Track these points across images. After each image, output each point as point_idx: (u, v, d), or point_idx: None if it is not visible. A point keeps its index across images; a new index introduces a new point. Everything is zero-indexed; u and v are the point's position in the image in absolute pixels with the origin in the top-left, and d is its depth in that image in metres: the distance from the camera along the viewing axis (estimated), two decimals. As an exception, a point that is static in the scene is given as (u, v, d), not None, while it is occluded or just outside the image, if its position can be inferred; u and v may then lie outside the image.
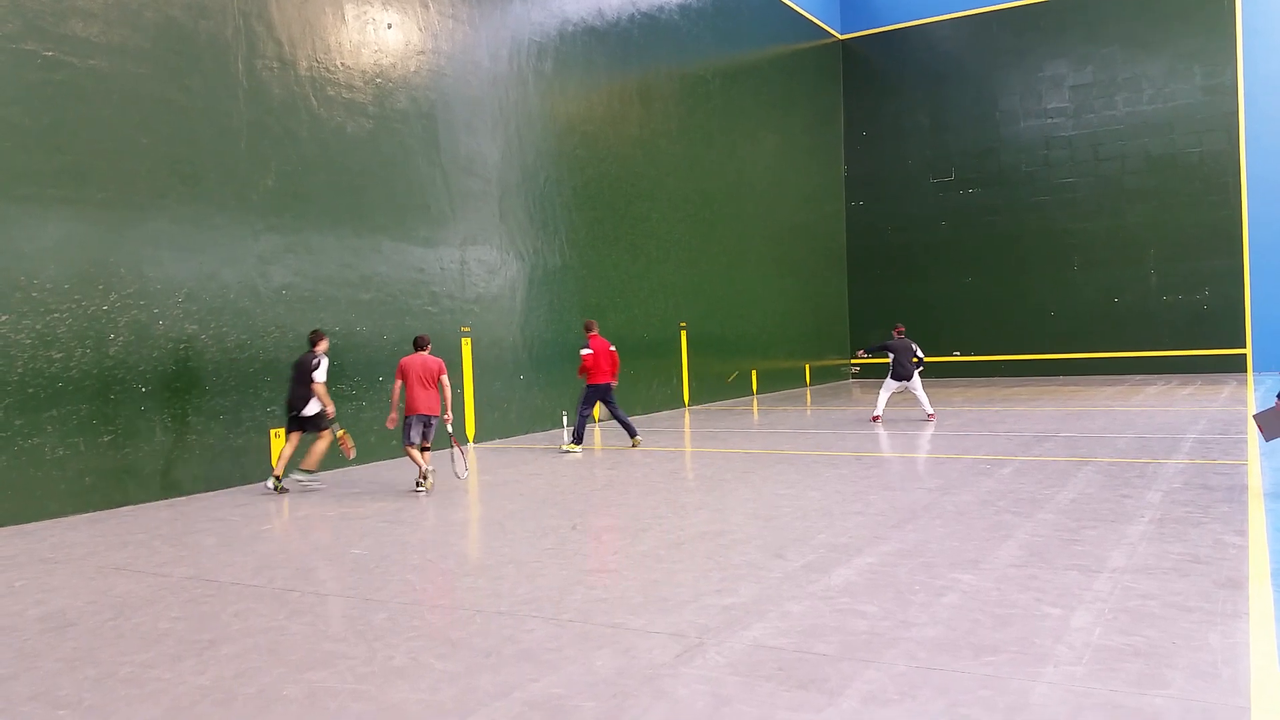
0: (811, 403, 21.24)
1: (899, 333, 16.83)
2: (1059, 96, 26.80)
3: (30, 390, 9.07)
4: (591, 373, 13.36)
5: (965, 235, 27.98)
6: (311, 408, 10.31)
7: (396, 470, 11.90)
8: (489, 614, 5.46)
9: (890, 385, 16.31)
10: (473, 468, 11.97)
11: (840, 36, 29.70)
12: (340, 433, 10.57)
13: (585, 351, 13.38)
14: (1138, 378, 25.01)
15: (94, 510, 9.46)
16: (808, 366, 26.63)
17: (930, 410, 16.06)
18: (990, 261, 27.65)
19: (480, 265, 14.95)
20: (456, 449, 10.49)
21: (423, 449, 10.09)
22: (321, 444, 10.46)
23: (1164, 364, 25.55)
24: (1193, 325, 25.31)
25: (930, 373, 27.91)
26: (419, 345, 10.41)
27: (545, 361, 16.28)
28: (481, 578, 6.40)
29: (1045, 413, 16.68)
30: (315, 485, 10.58)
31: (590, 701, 4.04)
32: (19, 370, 8.99)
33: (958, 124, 28.10)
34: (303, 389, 10.27)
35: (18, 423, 8.95)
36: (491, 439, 15.00)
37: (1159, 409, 16.66)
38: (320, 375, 10.25)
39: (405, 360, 10.18)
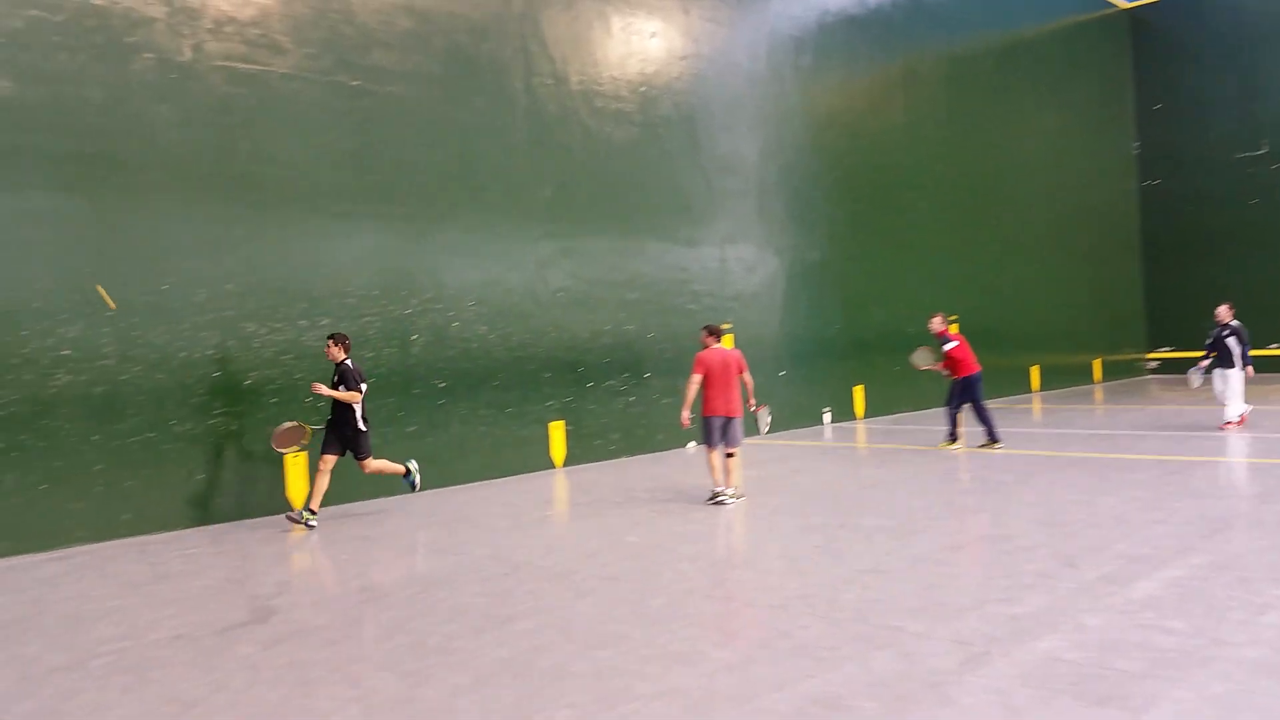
0: (1103, 401, 19.61)
1: (1233, 311, 13.66)
2: (1406, 46, 22.99)
3: (348, 386, 10.19)
4: (961, 365, 12.39)
5: (1278, 214, 24.68)
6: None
7: (662, 464, 12.26)
8: (761, 607, 5.51)
9: (1240, 376, 13.20)
10: (735, 464, 12.09)
11: (1125, 5, 27.15)
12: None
13: (950, 346, 12.43)
14: None
15: (402, 493, 10.48)
16: (1097, 362, 24.60)
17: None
18: (1313, 242, 24.21)
19: (739, 263, 15.08)
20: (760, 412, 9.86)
21: (727, 455, 9.09)
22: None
23: None
24: None
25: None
26: (718, 335, 9.16)
27: (806, 358, 16.14)
28: (751, 571, 6.47)
29: (1392, 413, 14.40)
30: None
31: (870, 702, 3.98)
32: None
33: (1269, 91, 24.82)
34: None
35: (339, 415, 10.09)
36: (753, 435, 15.07)
37: None
38: None
39: (705, 354, 9.01)
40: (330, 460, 8.84)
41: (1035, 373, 22.12)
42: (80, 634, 5.51)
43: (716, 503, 8.96)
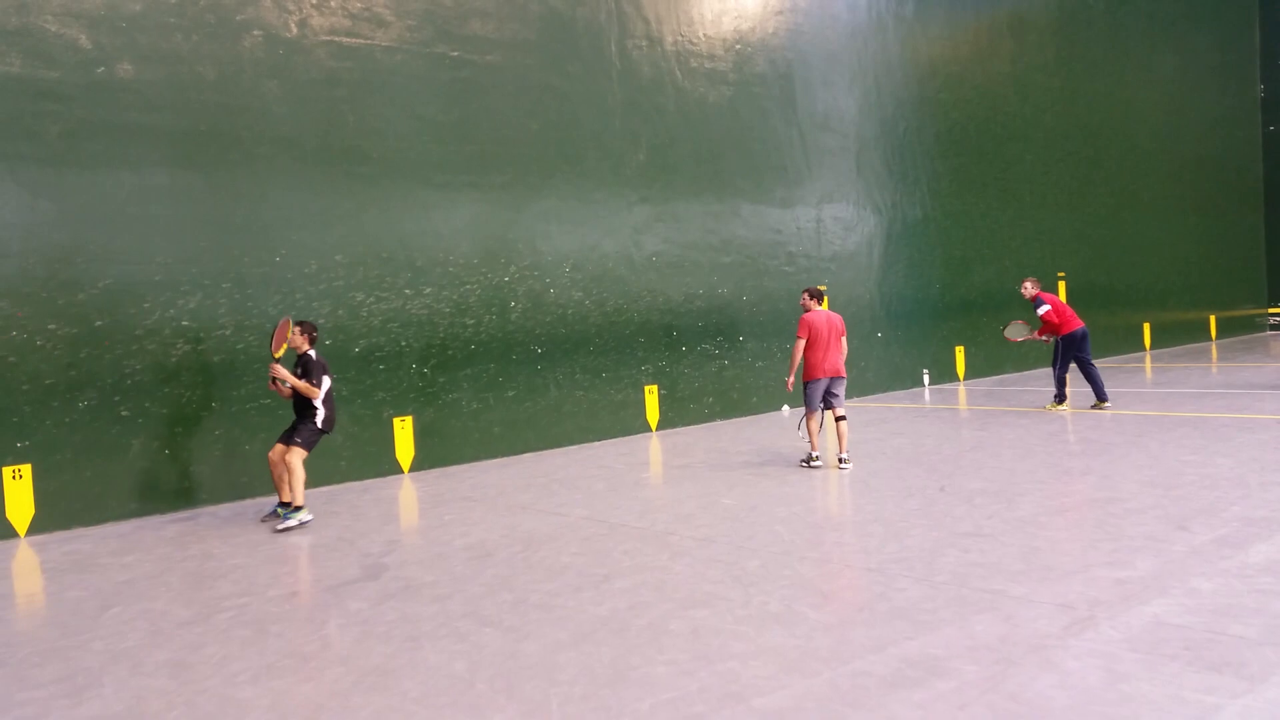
0: (1218, 359, 18.68)
1: None
2: None
3: (450, 352, 10.47)
4: (1061, 326, 12.03)
5: None
6: None
7: (757, 427, 12.24)
8: (858, 569, 5.49)
9: None
10: (831, 425, 11.99)
11: (1256, -68, 25.40)
12: None
13: (1044, 309, 12.04)
14: None
15: (502, 456, 10.76)
16: (1213, 318, 23.41)
17: None
18: None
19: (836, 223, 14.82)
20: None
21: (838, 419, 9.04)
22: None
23: None
24: None
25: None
26: (820, 297, 9.19)
27: (904, 318, 15.82)
28: (848, 533, 6.44)
29: None
30: None
31: (971, 665, 3.94)
32: (440, 334, 10.42)
33: None
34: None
35: (441, 380, 10.39)
36: (850, 397, 14.91)
37: None
38: None
39: (810, 316, 8.99)
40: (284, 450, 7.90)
41: (1147, 330, 21.18)
42: (203, 590, 5.86)
43: (810, 467, 8.94)
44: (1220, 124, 24.14)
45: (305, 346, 8.06)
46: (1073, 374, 12.23)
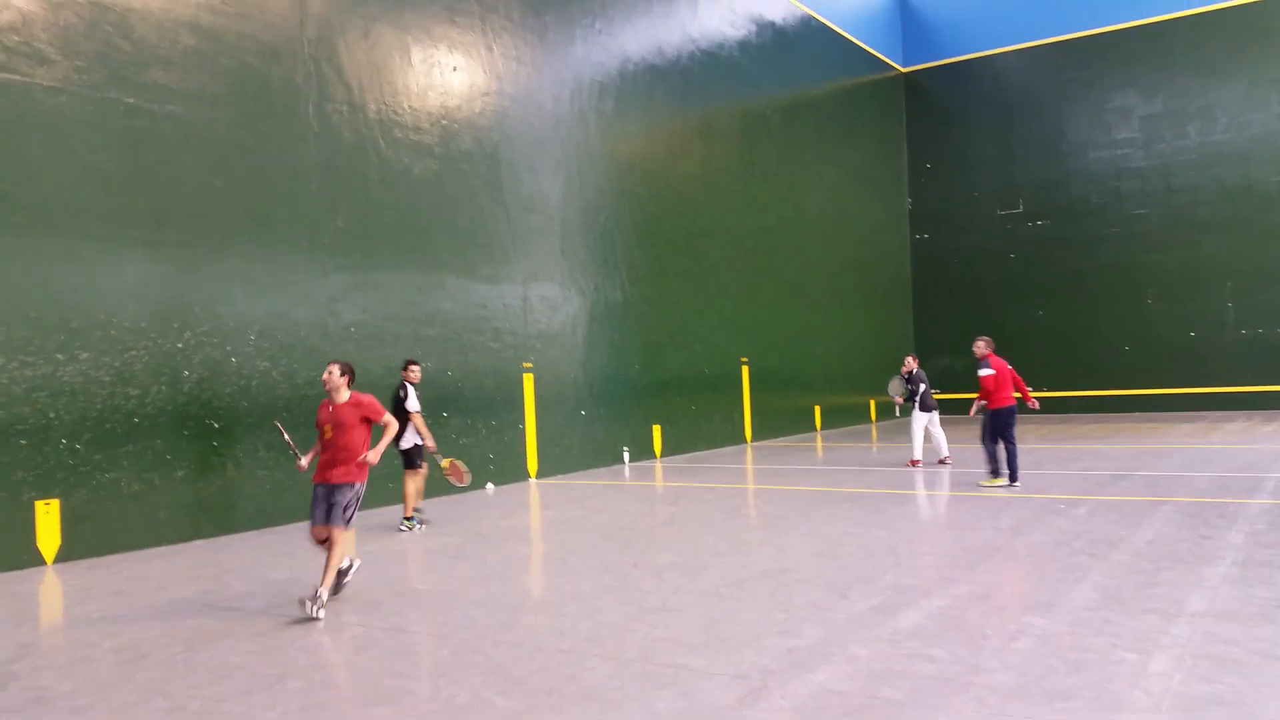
0: (878, 439, 20.91)
1: (917, 363, 15.83)
2: (1128, 127, 26.25)
3: (108, 425, 9.37)
4: (994, 395, 11.88)
5: (1035, 268, 27.43)
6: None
7: (459, 504, 11.99)
8: (550, 652, 5.44)
9: (921, 418, 15.07)
10: (534, 502, 12.00)
11: (902, 69, 29.57)
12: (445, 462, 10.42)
13: (985, 372, 11.89)
14: (1217, 414, 24.15)
15: (169, 544, 9.69)
16: (873, 402, 26.25)
17: (946, 453, 14.88)
18: (1061, 295, 27.03)
19: (542, 302, 15.11)
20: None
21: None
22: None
23: (1244, 400, 24.62)
24: (1273, 359, 24.38)
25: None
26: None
27: (606, 397, 16.33)
28: (543, 614, 6.40)
29: (1121, 450, 16.19)
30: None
31: (652, 743, 3.99)
32: (98, 406, 9.31)
33: (1025, 155, 27.68)
34: None
35: (96, 458, 9.25)
36: (554, 475, 15.06)
37: (1240, 446, 16.05)
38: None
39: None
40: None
41: (818, 412, 23.33)
42: None
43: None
44: (876, 231, 27.51)
45: None
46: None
